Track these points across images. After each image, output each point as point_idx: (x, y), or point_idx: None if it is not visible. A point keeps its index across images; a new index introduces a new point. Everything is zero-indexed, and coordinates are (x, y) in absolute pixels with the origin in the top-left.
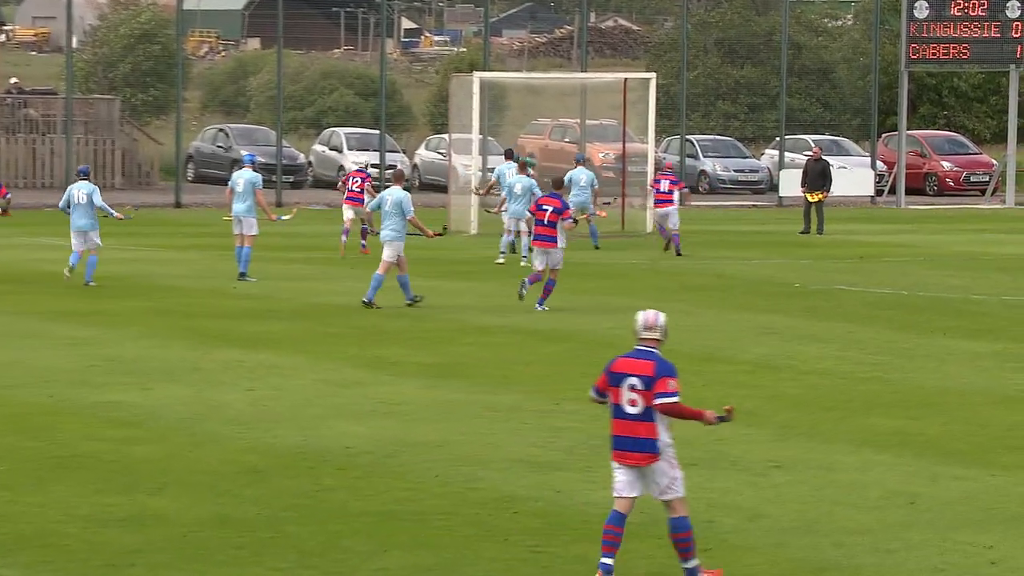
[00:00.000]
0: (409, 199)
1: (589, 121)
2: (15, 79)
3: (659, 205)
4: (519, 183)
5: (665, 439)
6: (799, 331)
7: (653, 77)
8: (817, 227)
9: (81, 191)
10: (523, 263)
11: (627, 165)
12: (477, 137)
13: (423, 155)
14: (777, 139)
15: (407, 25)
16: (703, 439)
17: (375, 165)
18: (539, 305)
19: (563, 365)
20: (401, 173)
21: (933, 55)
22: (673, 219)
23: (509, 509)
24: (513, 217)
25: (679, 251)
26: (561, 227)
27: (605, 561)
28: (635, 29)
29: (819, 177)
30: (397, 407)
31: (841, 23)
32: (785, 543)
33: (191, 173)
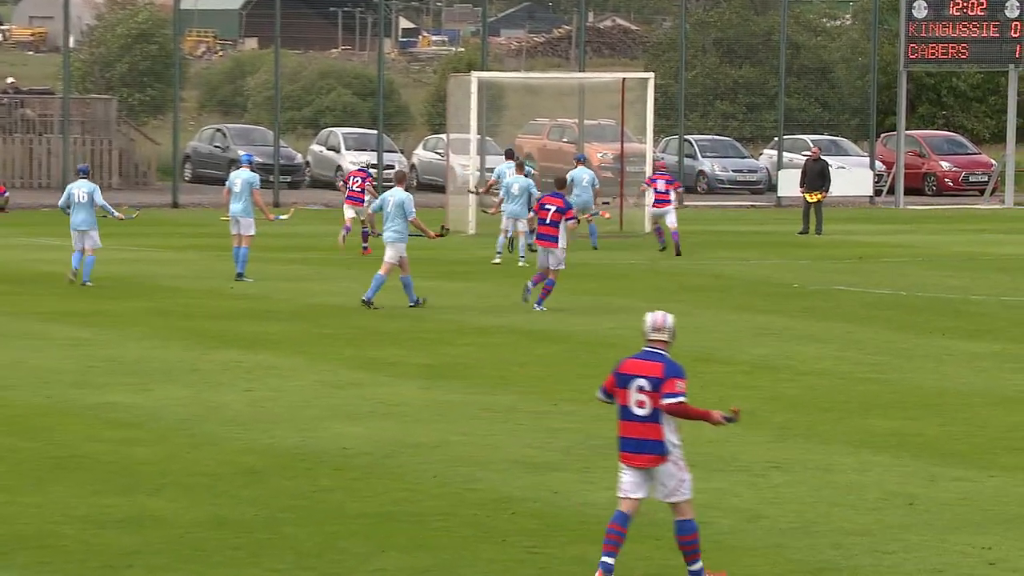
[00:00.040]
0: (411, 200)
1: (587, 121)
2: (12, 79)
3: (657, 205)
4: (516, 183)
5: (673, 440)
6: (797, 331)
7: (651, 77)
8: (816, 227)
9: (82, 190)
10: (520, 264)
11: (625, 165)
12: (475, 137)
13: (421, 155)
14: (776, 139)
15: (405, 25)
16: (701, 439)
17: (373, 165)
18: (538, 305)
19: (561, 366)
20: (403, 174)
21: (932, 55)
22: (671, 218)
23: (507, 510)
24: (510, 217)
25: (679, 251)
26: (564, 227)
27: (606, 560)
28: (633, 29)
29: (818, 177)
30: (395, 408)
31: (840, 23)
32: (783, 544)
33: (188, 173)
